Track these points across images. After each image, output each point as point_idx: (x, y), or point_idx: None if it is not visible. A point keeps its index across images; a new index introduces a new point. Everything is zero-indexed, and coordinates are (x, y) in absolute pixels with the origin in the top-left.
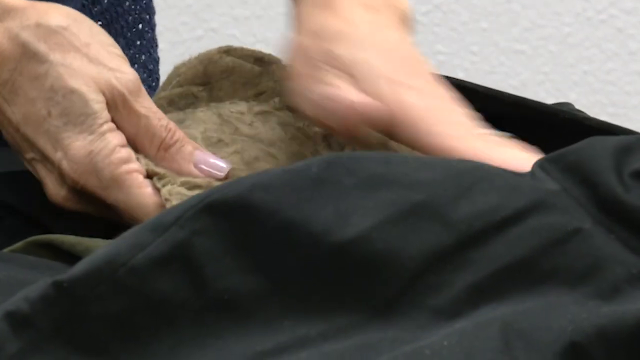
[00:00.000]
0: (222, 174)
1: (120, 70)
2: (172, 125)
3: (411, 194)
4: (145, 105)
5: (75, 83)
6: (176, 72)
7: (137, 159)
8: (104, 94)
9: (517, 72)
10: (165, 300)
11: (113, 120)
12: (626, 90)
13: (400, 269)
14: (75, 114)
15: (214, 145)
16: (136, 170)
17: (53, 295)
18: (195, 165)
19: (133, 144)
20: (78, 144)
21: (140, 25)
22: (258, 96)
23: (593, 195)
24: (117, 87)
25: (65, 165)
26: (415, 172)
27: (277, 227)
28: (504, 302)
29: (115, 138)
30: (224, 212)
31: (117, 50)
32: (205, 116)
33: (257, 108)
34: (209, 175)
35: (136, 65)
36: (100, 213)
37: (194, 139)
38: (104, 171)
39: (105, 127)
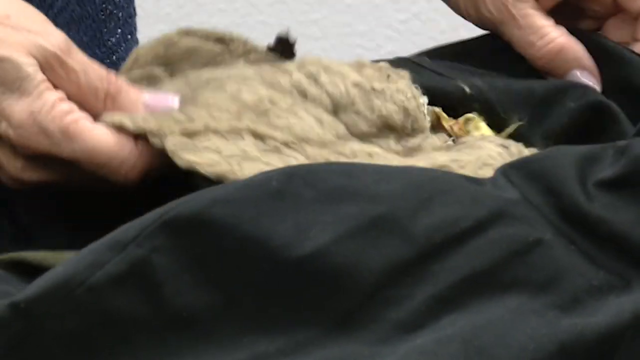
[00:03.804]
0: (175, 107)
1: (46, 32)
2: (112, 75)
3: (371, 207)
4: (80, 60)
5: (3, 51)
6: (136, 54)
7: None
8: (35, 58)
9: None
10: (124, 318)
11: (52, 82)
12: None
13: (360, 283)
14: (10, 80)
15: (203, 85)
16: (82, 117)
17: (9, 317)
18: (146, 108)
19: (78, 101)
20: (18, 108)
21: (120, 30)
22: None
23: (555, 204)
24: (48, 48)
25: (12, 133)
26: (376, 184)
27: (236, 242)
28: (465, 312)
29: (54, 95)
30: (182, 228)
31: (39, 15)
32: (175, 81)
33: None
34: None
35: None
36: (61, 177)
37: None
38: (50, 127)
39: (41, 86)
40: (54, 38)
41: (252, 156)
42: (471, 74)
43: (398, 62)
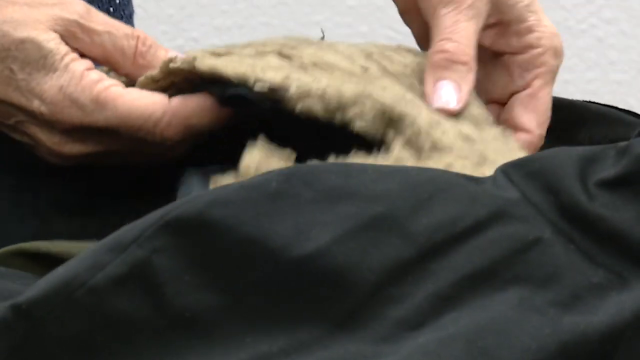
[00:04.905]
0: None
1: (62, 2)
2: (138, 32)
3: (370, 207)
4: (102, 21)
5: (22, 33)
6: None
7: None
8: (55, 31)
9: None
10: (125, 320)
11: (78, 51)
12: (606, 100)
13: (361, 282)
14: (34, 60)
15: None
16: (113, 84)
17: (11, 318)
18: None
19: (108, 64)
20: (47, 85)
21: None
22: None
23: (555, 202)
24: (67, 17)
25: (45, 110)
26: (374, 183)
27: (236, 243)
28: (467, 310)
29: (81, 65)
30: (182, 229)
31: None
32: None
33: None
34: None
35: None
36: (100, 147)
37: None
38: (81, 98)
39: (66, 59)
40: (71, 6)
41: (276, 66)
42: None
43: None
